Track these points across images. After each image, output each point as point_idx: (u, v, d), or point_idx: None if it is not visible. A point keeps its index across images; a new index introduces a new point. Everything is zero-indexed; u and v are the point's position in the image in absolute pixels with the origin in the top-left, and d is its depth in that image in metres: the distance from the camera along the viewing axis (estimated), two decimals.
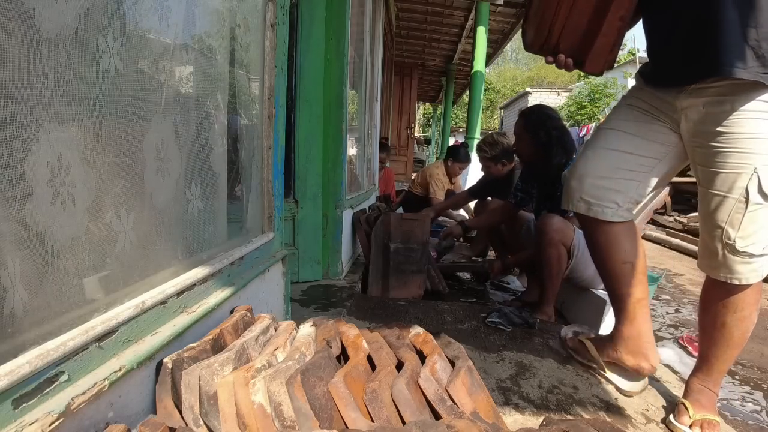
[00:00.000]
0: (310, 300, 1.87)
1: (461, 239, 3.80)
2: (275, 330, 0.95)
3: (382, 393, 0.72)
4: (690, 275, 4.14)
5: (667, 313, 3.01)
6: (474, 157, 4.34)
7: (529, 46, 1.19)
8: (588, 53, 1.08)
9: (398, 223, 2.22)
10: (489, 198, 3.00)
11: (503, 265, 2.50)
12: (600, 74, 1.14)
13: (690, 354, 2.40)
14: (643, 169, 1.19)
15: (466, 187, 3.83)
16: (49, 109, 0.57)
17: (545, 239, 1.94)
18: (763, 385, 2.08)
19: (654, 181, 1.21)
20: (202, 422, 0.72)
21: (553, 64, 1.15)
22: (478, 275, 2.80)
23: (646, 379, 1.28)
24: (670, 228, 5.92)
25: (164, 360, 0.74)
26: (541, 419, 1.02)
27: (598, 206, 1.21)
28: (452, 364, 0.85)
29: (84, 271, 0.65)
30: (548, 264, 1.95)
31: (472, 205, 3.58)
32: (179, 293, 0.84)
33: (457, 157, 4.08)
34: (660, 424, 1.12)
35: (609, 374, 1.30)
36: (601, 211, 1.21)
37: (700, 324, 1.13)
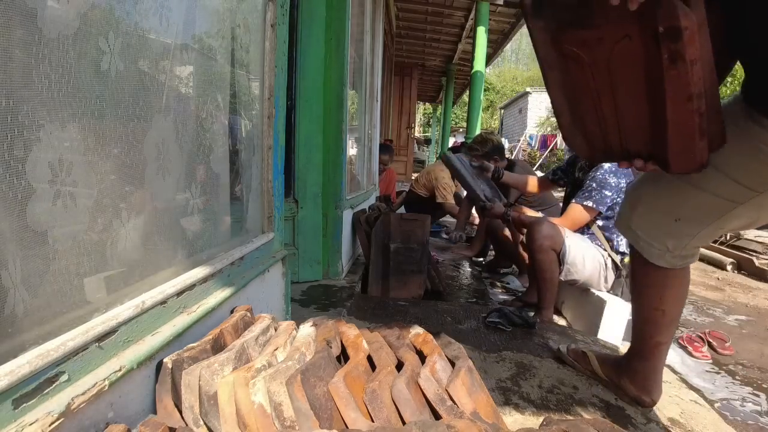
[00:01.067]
0: (310, 300, 1.87)
1: (462, 239, 3.80)
2: (275, 330, 0.95)
3: (382, 393, 0.72)
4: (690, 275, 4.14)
5: None
6: None
7: (589, 158, 0.94)
8: (667, 150, 0.77)
9: (398, 223, 2.22)
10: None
11: (504, 214, 2.35)
12: (699, 170, 0.78)
13: (690, 354, 2.40)
14: (714, 216, 0.93)
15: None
16: (50, 109, 0.57)
17: (535, 246, 1.95)
18: (764, 385, 2.08)
19: (725, 227, 0.96)
20: (202, 422, 0.72)
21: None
22: (478, 206, 2.63)
23: None
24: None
25: (164, 360, 0.74)
26: (541, 419, 1.02)
27: (645, 242, 1.03)
28: (452, 364, 0.85)
29: (84, 271, 0.65)
30: (541, 270, 1.97)
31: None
32: (179, 293, 0.84)
33: None
34: (660, 424, 1.12)
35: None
36: (647, 250, 1.03)
37: None
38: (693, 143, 0.74)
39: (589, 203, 1.98)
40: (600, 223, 2.04)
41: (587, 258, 1.99)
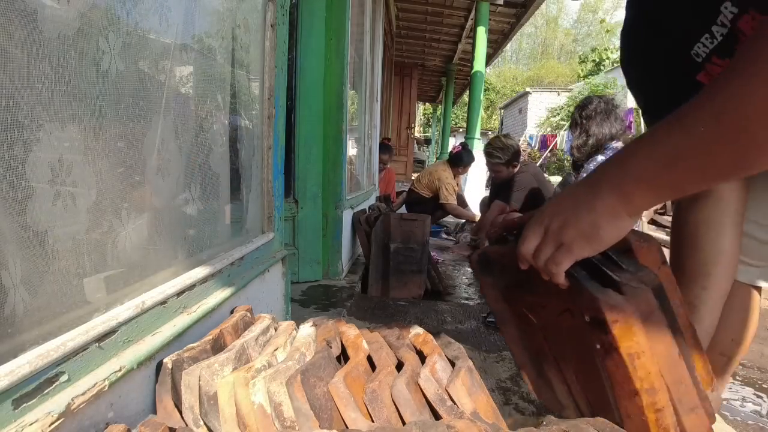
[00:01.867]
0: (310, 300, 1.87)
1: (466, 240, 3.81)
2: (275, 330, 0.95)
3: (382, 393, 0.72)
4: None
5: None
6: (475, 153, 4.37)
7: (563, 415, 0.79)
8: None
9: (398, 223, 2.22)
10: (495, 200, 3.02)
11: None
12: None
13: None
14: None
15: (466, 190, 3.85)
16: (50, 109, 0.57)
17: None
18: (764, 386, 2.08)
19: None
20: (202, 422, 0.72)
21: None
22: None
23: None
24: (670, 228, 5.92)
25: (164, 360, 0.74)
26: (541, 419, 1.02)
27: None
28: (452, 364, 0.85)
29: (84, 271, 0.65)
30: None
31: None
32: (179, 293, 0.84)
33: (462, 162, 4.07)
34: None
35: None
36: None
37: None
38: None
39: None
40: None
41: None
